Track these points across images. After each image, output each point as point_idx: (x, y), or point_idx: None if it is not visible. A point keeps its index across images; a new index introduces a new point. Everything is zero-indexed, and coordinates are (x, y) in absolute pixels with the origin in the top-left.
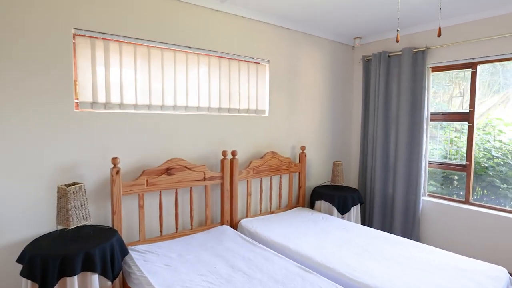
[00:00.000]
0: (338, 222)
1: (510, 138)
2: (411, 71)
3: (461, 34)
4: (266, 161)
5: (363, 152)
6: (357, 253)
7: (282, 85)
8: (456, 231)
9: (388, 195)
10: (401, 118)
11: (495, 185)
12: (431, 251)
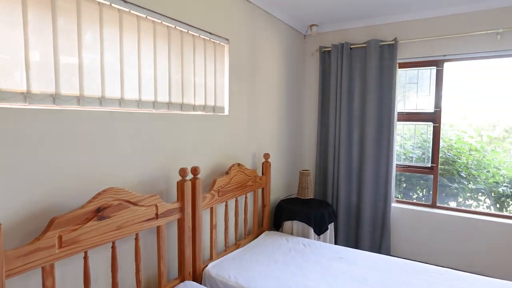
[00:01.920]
0: (327, 249)
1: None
2: (378, 66)
3: (431, 29)
4: (232, 177)
5: (322, 158)
6: None
7: (243, 74)
8: (426, 237)
9: (353, 204)
10: (367, 118)
11: (444, 184)
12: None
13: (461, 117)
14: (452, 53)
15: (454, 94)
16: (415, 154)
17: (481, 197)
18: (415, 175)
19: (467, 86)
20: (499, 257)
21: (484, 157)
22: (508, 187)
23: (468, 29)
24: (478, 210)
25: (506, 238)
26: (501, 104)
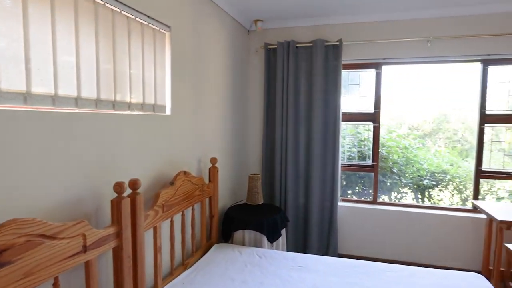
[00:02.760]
0: (284, 258)
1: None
2: (324, 66)
3: (372, 32)
4: (177, 188)
5: (269, 160)
6: None
7: (187, 69)
8: (370, 233)
9: (301, 206)
10: (314, 118)
11: (379, 180)
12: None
13: (392, 117)
14: (390, 56)
15: (389, 95)
16: (352, 152)
17: (409, 190)
18: (353, 173)
19: (401, 88)
20: (431, 244)
21: (411, 153)
22: (430, 179)
23: (404, 35)
24: (413, 203)
25: (433, 226)
26: (429, 105)
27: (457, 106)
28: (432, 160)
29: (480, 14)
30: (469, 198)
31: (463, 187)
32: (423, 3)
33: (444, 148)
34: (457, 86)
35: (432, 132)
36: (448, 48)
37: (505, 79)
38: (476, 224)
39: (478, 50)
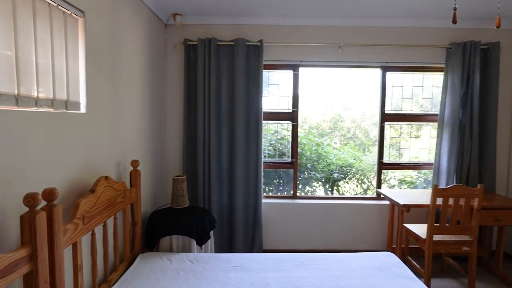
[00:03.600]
0: (217, 260)
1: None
2: (246, 66)
3: (291, 35)
4: (99, 195)
5: (191, 160)
6: None
7: (103, 61)
8: (292, 227)
9: (225, 205)
10: (236, 117)
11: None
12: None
13: (306, 116)
14: (306, 59)
15: (305, 96)
16: (270, 150)
17: (320, 184)
18: (271, 170)
19: (313, 89)
20: (343, 231)
21: (322, 150)
22: (339, 173)
23: (319, 40)
24: (327, 196)
25: (345, 215)
26: (331, 106)
27: (354, 107)
28: (339, 155)
29: (381, 27)
30: (370, 188)
31: (365, 178)
32: (335, 12)
33: (340, 145)
34: (361, 88)
35: (330, 131)
36: (355, 54)
37: (399, 83)
38: (380, 209)
39: (379, 58)
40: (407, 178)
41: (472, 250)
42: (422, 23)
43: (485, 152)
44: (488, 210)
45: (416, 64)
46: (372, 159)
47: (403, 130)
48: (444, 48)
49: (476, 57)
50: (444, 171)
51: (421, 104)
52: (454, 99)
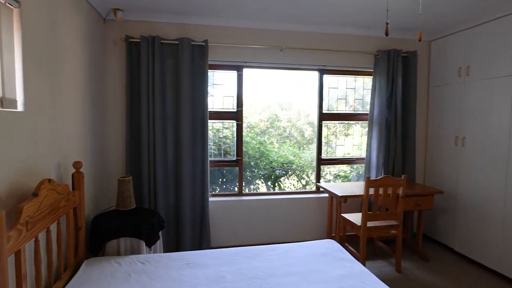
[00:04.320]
0: (169, 259)
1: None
2: (191, 65)
3: (235, 36)
4: (42, 199)
5: (134, 161)
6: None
7: (42, 56)
8: (238, 223)
9: (172, 205)
10: (182, 117)
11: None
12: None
13: (245, 116)
14: (250, 60)
15: (249, 96)
16: (214, 150)
17: (263, 181)
18: (215, 169)
19: (254, 89)
20: (286, 225)
21: (265, 148)
22: (281, 170)
23: (262, 42)
24: (270, 191)
25: (287, 209)
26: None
27: (290, 107)
28: (280, 153)
29: (319, 33)
30: (309, 183)
31: (304, 174)
32: (277, 17)
33: (273, 143)
34: (297, 89)
35: (267, 130)
36: (295, 57)
37: (334, 85)
38: (320, 202)
39: (317, 61)
40: (341, 172)
41: (398, 233)
42: (354, 31)
43: (406, 148)
44: (410, 197)
45: (349, 68)
46: (310, 156)
47: (336, 129)
48: (372, 54)
49: (399, 63)
50: (374, 165)
51: (351, 105)
52: (381, 100)
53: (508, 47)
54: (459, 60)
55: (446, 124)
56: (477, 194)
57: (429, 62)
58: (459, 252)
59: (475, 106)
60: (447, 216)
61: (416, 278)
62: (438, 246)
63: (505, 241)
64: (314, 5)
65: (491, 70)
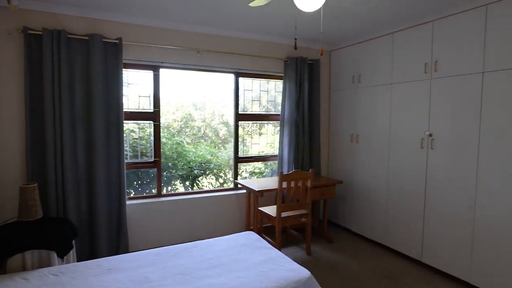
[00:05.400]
0: (86, 268)
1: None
2: (104, 63)
3: (151, 36)
4: None
5: (37, 166)
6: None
7: None
8: (159, 225)
9: (85, 212)
10: (95, 118)
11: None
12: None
13: (162, 115)
14: (167, 61)
15: (163, 95)
16: (129, 151)
17: (181, 181)
18: (128, 172)
19: (169, 89)
20: (207, 222)
21: (182, 148)
22: (199, 170)
23: (179, 43)
24: (191, 191)
25: (207, 207)
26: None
27: (204, 107)
28: (197, 152)
29: (235, 37)
30: (226, 181)
31: (221, 173)
32: (195, 19)
33: (190, 143)
34: (212, 90)
35: (181, 130)
36: (212, 59)
37: (249, 88)
38: (238, 198)
39: (233, 64)
40: (256, 170)
41: (308, 220)
42: (267, 38)
43: (313, 145)
44: (317, 188)
45: (262, 72)
46: (226, 155)
47: (250, 128)
48: (283, 60)
49: (305, 69)
50: (286, 161)
51: (263, 105)
52: (291, 102)
53: (386, 60)
54: (352, 69)
55: (344, 124)
56: (367, 183)
57: (330, 69)
58: (355, 232)
59: (365, 108)
60: (345, 202)
61: (323, 258)
62: (339, 229)
63: (387, 221)
64: (230, 12)
65: (376, 79)
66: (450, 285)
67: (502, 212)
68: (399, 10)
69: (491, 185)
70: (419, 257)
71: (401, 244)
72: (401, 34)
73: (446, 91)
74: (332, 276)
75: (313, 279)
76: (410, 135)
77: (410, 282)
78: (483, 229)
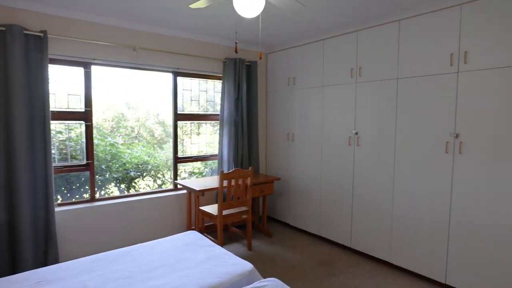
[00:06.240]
0: (9, 283)
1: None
2: (25, 58)
3: (81, 31)
4: None
5: None
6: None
7: None
8: (94, 231)
9: (3, 223)
10: (16, 118)
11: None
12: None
13: (96, 115)
14: (99, 58)
15: (99, 95)
16: (57, 154)
17: (116, 184)
18: (56, 176)
19: (103, 87)
20: (147, 225)
21: (117, 149)
22: (135, 172)
23: (113, 40)
24: (128, 194)
25: (147, 209)
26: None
27: (138, 106)
28: (132, 153)
29: (174, 36)
30: (165, 182)
31: (159, 174)
32: (129, 15)
33: (125, 144)
34: (148, 89)
35: (113, 130)
36: (149, 58)
37: (188, 87)
38: (178, 198)
39: (171, 64)
40: (196, 170)
41: (249, 217)
42: (206, 39)
43: (251, 144)
44: (256, 186)
45: (201, 72)
46: (165, 156)
47: (188, 128)
48: (221, 61)
49: (243, 70)
50: (226, 160)
51: (202, 105)
52: (230, 102)
53: (318, 64)
54: (288, 72)
55: (280, 124)
56: (302, 179)
57: (267, 71)
58: (293, 225)
59: (300, 109)
60: (283, 198)
61: (264, 252)
62: (278, 224)
63: (321, 213)
64: (169, 11)
65: (309, 81)
66: (375, 266)
67: (414, 198)
68: (328, 20)
69: (403, 175)
70: (349, 244)
71: (333, 233)
72: (330, 41)
73: (369, 94)
74: (273, 267)
75: (255, 271)
76: (340, 133)
77: (342, 266)
78: (400, 215)
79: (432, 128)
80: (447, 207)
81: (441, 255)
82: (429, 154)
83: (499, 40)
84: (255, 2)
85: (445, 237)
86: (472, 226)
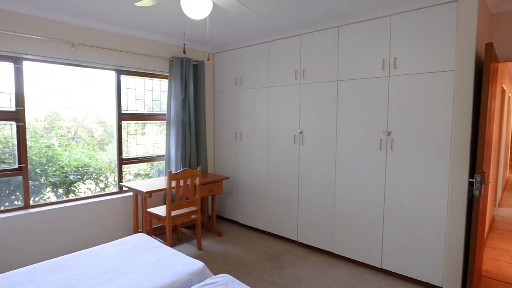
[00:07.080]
0: None
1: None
2: None
3: (9, 22)
4: None
5: None
6: None
7: None
8: (30, 240)
9: None
10: None
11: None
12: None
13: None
14: (33, 53)
15: (35, 93)
16: None
17: (53, 188)
18: None
19: (44, 85)
20: (91, 230)
21: (54, 152)
22: (75, 175)
23: (49, 34)
24: (68, 198)
25: (89, 214)
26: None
27: (75, 105)
28: (72, 156)
29: (117, 33)
30: (108, 185)
31: (102, 176)
32: (66, 8)
33: (62, 146)
34: (87, 88)
35: (45, 130)
36: (90, 55)
37: (132, 86)
38: (124, 201)
39: (114, 61)
40: (141, 171)
41: (198, 217)
42: (152, 36)
43: (199, 143)
44: (205, 185)
45: (146, 70)
46: (107, 157)
47: (132, 129)
48: (168, 60)
49: (190, 70)
50: (174, 160)
51: (147, 104)
52: (177, 102)
53: (264, 65)
54: (235, 72)
55: (228, 123)
56: (250, 177)
57: (214, 71)
58: (242, 223)
59: (247, 108)
60: (232, 196)
61: (214, 250)
62: (227, 222)
63: (269, 210)
64: (112, 6)
65: (256, 82)
66: (319, 256)
67: (352, 192)
68: (273, 24)
69: (343, 171)
70: (296, 238)
71: (280, 229)
72: (276, 43)
73: (312, 95)
74: (224, 265)
75: (206, 269)
76: (285, 133)
77: (289, 259)
78: (340, 208)
79: (368, 126)
80: (382, 198)
81: (376, 243)
82: (366, 150)
83: (422, 48)
84: (203, 5)
85: (380, 225)
86: (401, 215)
